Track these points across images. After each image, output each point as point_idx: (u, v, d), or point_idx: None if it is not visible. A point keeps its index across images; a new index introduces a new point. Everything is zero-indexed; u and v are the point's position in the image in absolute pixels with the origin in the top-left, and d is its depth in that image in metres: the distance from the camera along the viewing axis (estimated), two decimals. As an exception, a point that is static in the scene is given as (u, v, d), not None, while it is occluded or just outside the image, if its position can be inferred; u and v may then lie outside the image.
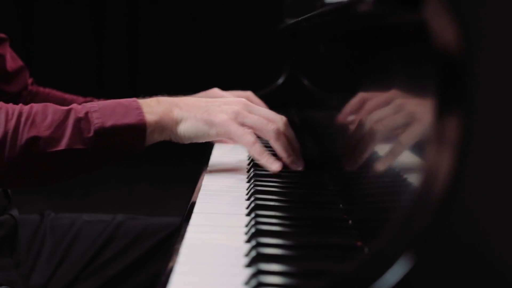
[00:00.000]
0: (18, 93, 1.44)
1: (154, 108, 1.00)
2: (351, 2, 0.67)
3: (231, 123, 1.01)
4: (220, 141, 1.33)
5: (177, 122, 1.01)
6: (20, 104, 0.98)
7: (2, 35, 1.40)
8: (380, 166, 0.72)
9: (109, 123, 0.96)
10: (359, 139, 0.81)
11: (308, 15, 1.03)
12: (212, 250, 0.73)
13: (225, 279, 0.64)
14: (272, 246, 0.70)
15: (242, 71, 4.15)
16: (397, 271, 0.44)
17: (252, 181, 0.98)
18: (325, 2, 1.67)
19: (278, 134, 1.03)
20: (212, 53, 4.55)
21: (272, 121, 1.04)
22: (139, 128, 0.97)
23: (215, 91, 1.35)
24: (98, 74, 4.62)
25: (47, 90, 1.51)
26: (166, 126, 1.00)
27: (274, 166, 1.01)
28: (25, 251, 1.28)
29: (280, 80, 1.73)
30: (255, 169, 1.04)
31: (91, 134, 0.95)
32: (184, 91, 1.25)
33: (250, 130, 1.02)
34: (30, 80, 1.50)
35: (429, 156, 0.45)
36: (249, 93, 1.39)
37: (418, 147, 0.62)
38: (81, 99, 1.46)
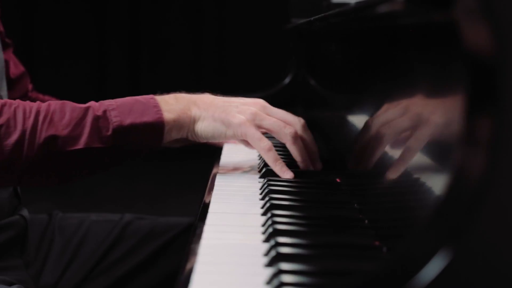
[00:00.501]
0: (18, 99, 1.43)
1: (172, 106, 1.00)
2: (379, 1, 0.67)
3: (248, 125, 1.00)
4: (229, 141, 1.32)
5: (194, 121, 1.01)
6: (38, 102, 0.98)
7: (8, 41, 1.39)
8: (399, 166, 0.72)
9: (127, 121, 0.96)
10: (379, 139, 0.81)
11: (329, 13, 1.03)
12: (231, 249, 0.73)
13: (246, 279, 0.64)
14: (291, 246, 0.71)
15: (243, 72, 4.16)
16: (435, 266, 0.44)
17: (265, 180, 0.98)
18: (331, 2, 1.67)
19: (295, 137, 1.02)
20: (214, 54, 4.55)
21: (289, 123, 1.03)
22: (158, 127, 0.97)
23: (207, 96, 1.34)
24: (100, 74, 4.62)
25: (46, 97, 1.51)
26: (183, 124, 1.00)
27: (287, 174, 1.01)
28: (34, 251, 1.28)
29: (287, 80, 1.73)
30: (267, 169, 1.04)
31: (109, 132, 0.95)
32: (185, 91, 1.25)
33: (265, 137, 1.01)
34: (30, 86, 1.49)
35: (460, 155, 0.45)
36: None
37: (437, 148, 0.62)
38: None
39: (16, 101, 0.98)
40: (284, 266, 0.64)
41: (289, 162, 1.04)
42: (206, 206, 0.90)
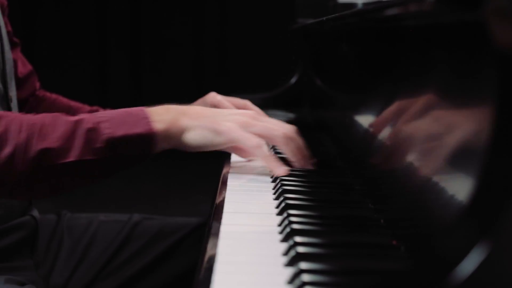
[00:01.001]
0: (25, 98, 1.44)
1: (162, 116, 1.01)
2: (403, 1, 0.67)
3: (237, 130, 1.01)
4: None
5: (184, 131, 1.02)
6: (31, 114, 0.98)
7: (15, 40, 1.39)
8: (426, 167, 0.73)
9: (119, 133, 0.97)
10: (403, 141, 0.81)
11: (346, 12, 1.03)
12: (249, 249, 0.73)
13: (268, 278, 0.64)
14: (310, 245, 0.71)
15: (247, 72, 4.15)
16: (472, 261, 0.44)
17: (278, 180, 0.98)
18: (338, 2, 1.68)
19: (287, 138, 1.03)
20: (216, 54, 4.55)
21: (280, 127, 1.04)
22: (149, 137, 0.98)
23: (213, 95, 1.34)
24: (101, 75, 4.62)
25: (54, 95, 1.51)
26: (173, 134, 1.01)
27: (280, 170, 1.02)
28: (43, 252, 1.29)
29: (293, 80, 1.73)
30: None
31: (101, 144, 0.96)
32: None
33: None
34: (37, 85, 1.49)
35: (493, 150, 0.45)
36: (246, 102, 1.37)
37: (464, 145, 0.62)
38: (87, 107, 1.46)
39: (11, 114, 0.98)
40: (305, 265, 0.65)
41: None
42: (220, 206, 0.90)
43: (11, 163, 0.93)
